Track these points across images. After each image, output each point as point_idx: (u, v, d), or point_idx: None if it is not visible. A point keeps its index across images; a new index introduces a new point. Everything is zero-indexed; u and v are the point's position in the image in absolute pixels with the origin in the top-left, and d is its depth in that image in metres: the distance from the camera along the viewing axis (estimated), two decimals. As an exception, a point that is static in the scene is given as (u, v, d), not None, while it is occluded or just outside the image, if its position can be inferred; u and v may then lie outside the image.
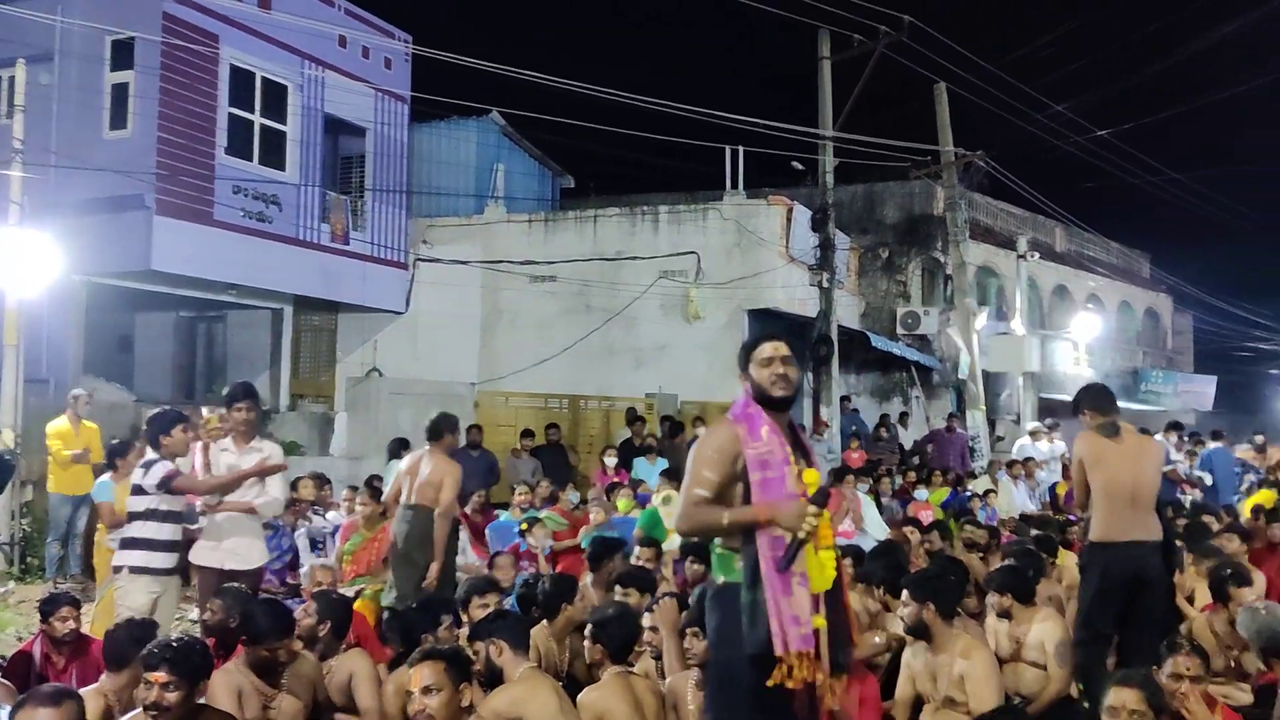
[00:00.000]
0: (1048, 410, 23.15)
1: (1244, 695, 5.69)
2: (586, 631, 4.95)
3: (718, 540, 3.83)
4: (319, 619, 5.40)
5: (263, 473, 6.49)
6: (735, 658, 3.66)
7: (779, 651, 3.54)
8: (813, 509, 3.59)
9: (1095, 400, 6.24)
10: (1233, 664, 5.95)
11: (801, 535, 3.56)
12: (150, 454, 6.38)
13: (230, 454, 6.55)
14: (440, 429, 7.72)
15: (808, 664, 3.56)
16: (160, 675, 3.99)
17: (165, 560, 6.29)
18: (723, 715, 3.75)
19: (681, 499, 3.80)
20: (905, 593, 5.37)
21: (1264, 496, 13.91)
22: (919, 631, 5.32)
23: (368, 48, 16.41)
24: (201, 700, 4.24)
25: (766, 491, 3.66)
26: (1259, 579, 7.10)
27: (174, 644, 4.14)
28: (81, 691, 4.58)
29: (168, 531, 6.30)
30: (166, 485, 6.19)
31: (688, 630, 4.84)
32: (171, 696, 3.99)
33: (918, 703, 5.47)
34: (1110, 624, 5.89)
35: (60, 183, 13.22)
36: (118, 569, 6.29)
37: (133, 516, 6.31)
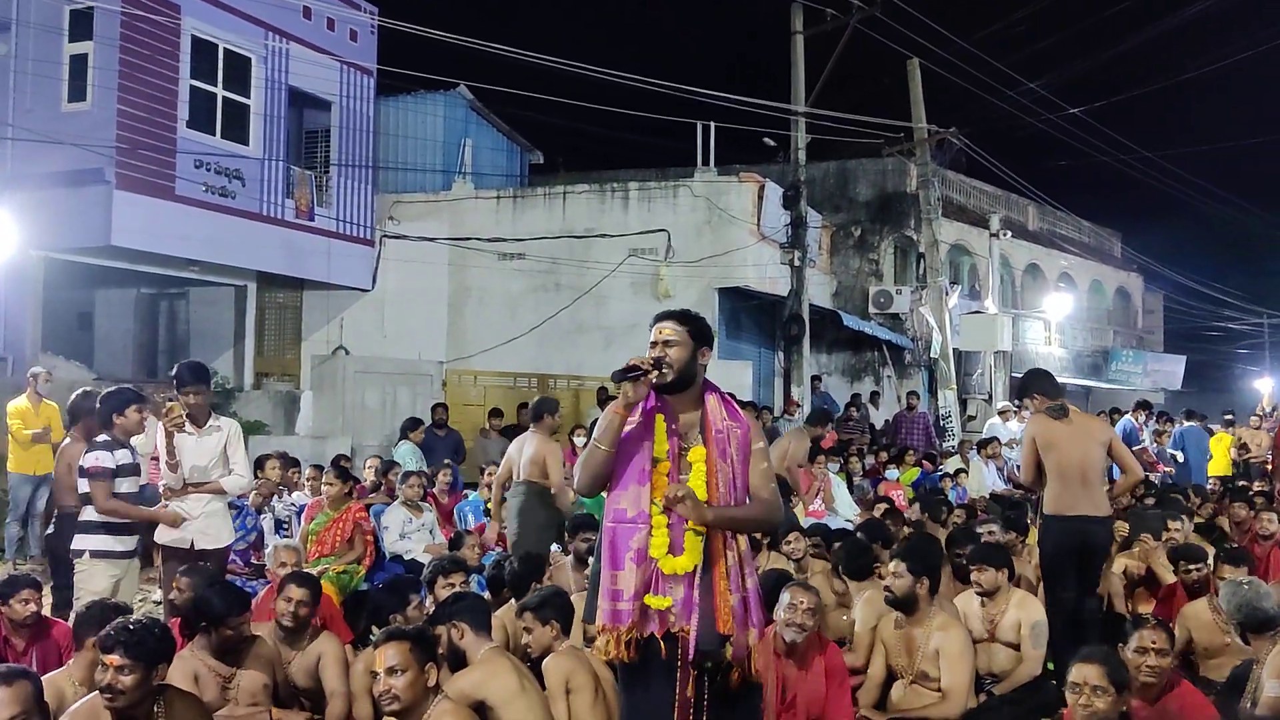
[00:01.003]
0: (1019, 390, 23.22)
1: None
2: (528, 619, 4.87)
3: None
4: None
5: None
6: None
7: (598, 622, 3.62)
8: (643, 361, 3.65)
9: (1042, 385, 6.78)
10: (1228, 642, 5.89)
11: (645, 365, 3.61)
12: (103, 438, 6.21)
13: (190, 437, 6.42)
14: (541, 412, 8.34)
15: (613, 640, 3.56)
16: (115, 658, 3.92)
17: (125, 543, 6.19)
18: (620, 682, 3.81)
19: None
20: (900, 563, 5.36)
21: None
22: (906, 604, 5.28)
23: (333, 19, 16.13)
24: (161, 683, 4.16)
25: (620, 463, 3.67)
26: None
27: (130, 626, 4.06)
28: (46, 677, 4.50)
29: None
30: (84, 474, 6.06)
31: None
32: (126, 679, 3.92)
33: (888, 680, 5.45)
34: (1069, 589, 6.36)
35: (17, 156, 12.96)
36: (78, 554, 6.13)
37: (87, 500, 6.15)
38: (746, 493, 3.72)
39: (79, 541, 6.14)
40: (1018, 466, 14.74)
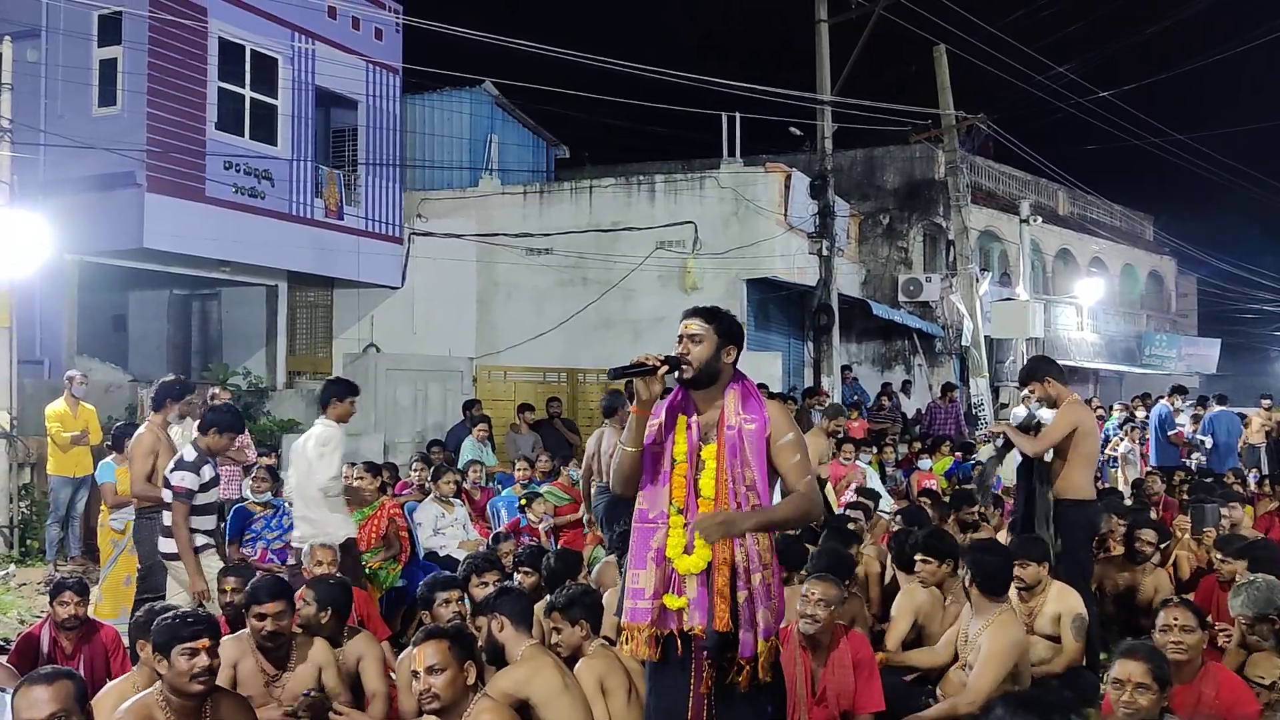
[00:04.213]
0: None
1: None
2: (556, 618, 4.85)
3: None
4: (318, 607, 5.27)
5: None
6: None
7: (622, 620, 3.71)
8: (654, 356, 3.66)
9: (1055, 369, 6.82)
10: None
11: (651, 362, 3.61)
12: (190, 451, 6.46)
13: None
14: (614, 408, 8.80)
15: (635, 637, 3.63)
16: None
17: (212, 539, 6.58)
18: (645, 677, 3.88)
19: None
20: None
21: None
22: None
23: (358, 19, 16.19)
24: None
25: (645, 463, 3.72)
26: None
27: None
28: (110, 685, 4.62)
29: (210, 522, 6.57)
30: (168, 487, 6.35)
31: None
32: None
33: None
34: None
35: (50, 161, 13.07)
36: (171, 556, 6.40)
37: (166, 506, 6.44)
38: (762, 486, 3.68)
39: (172, 544, 6.39)
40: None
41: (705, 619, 3.57)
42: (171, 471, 6.37)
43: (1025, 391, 7.57)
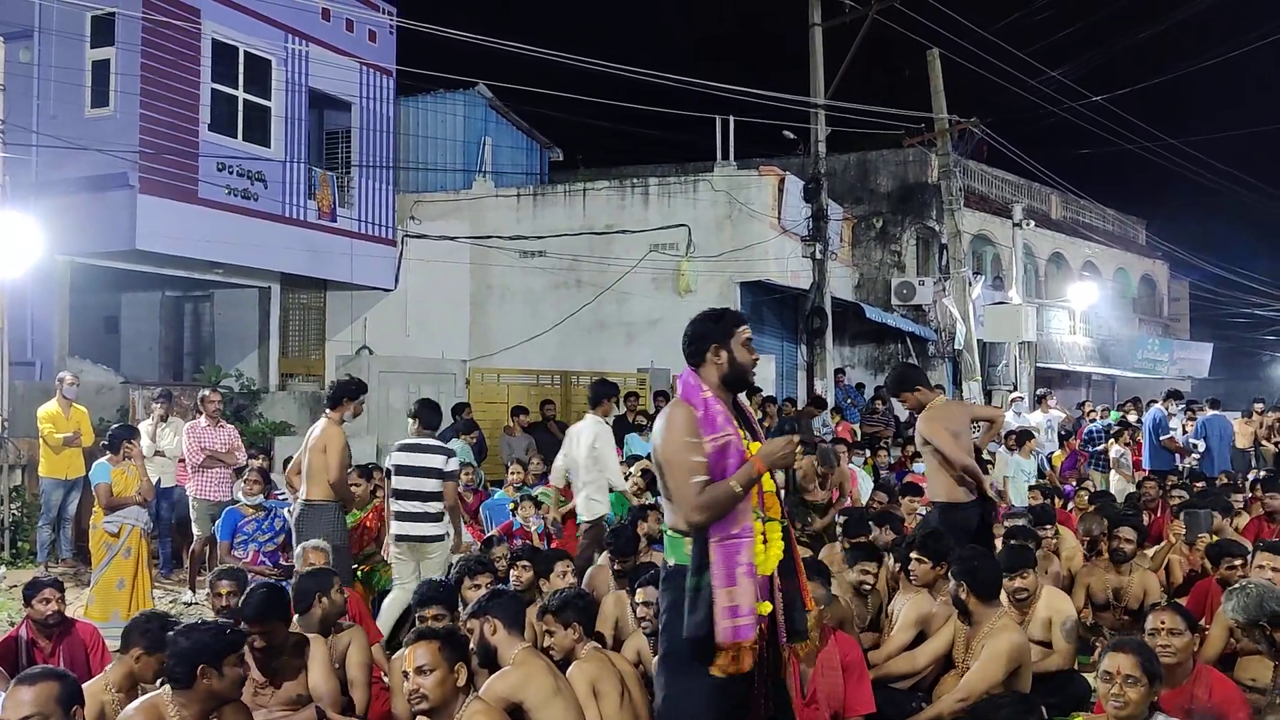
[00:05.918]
0: (1045, 380, 23.15)
1: None
2: (549, 620, 4.86)
3: (667, 523, 3.79)
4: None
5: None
6: (682, 641, 3.61)
7: (719, 640, 3.53)
8: (792, 439, 3.71)
9: (923, 377, 7.05)
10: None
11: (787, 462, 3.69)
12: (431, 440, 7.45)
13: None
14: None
15: (747, 654, 3.55)
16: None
17: None
18: (673, 694, 3.70)
19: (681, 492, 3.62)
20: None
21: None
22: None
23: (352, 20, 16.18)
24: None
25: (721, 476, 3.64)
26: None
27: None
28: (84, 686, 4.53)
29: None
30: (436, 475, 7.32)
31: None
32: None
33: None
34: None
35: (42, 162, 13.04)
36: (440, 538, 7.34)
37: (429, 497, 7.31)
38: None
39: (439, 528, 7.33)
40: (1045, 458, 14.76)
41: (777, 604, 3.69)
42: (445, 459, 7.31)
43: (1015, 394, 7.57)
